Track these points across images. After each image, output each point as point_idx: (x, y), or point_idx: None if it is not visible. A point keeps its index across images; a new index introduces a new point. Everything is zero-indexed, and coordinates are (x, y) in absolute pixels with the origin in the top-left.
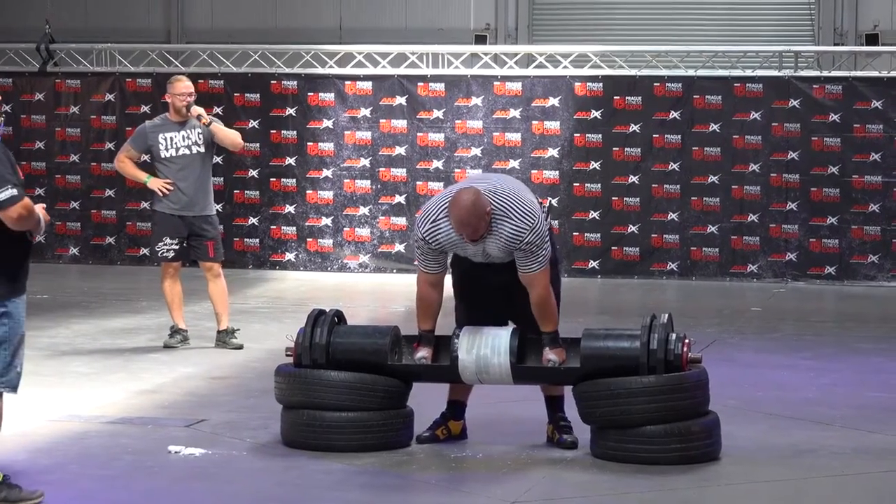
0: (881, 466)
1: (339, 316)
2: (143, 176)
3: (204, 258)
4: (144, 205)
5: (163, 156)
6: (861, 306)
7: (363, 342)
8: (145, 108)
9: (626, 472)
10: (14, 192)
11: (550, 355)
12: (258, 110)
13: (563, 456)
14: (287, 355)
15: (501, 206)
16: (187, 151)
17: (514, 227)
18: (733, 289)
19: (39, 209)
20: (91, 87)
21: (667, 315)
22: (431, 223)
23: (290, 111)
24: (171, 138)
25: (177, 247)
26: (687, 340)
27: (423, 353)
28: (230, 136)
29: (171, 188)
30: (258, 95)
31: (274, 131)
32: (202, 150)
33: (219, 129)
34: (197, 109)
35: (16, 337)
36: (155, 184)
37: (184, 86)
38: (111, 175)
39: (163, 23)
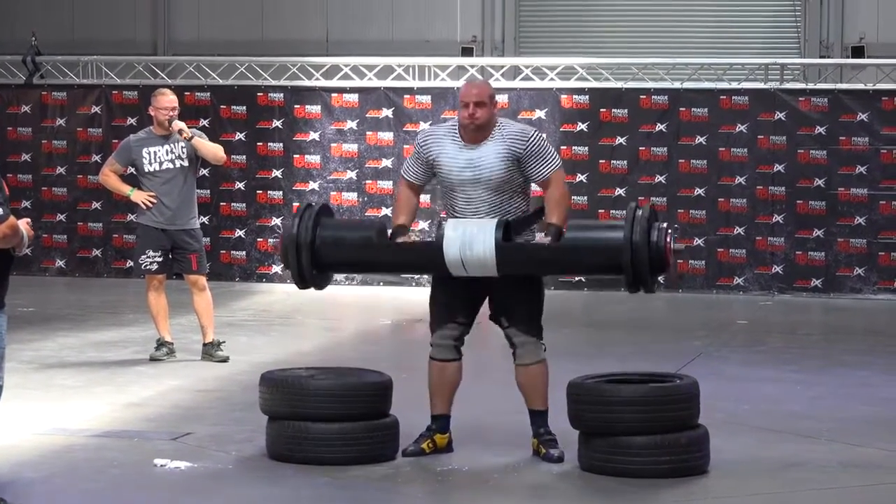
0: (867, 480)
1: (325, 210)
2: (126, 189)
3: (188, 271)
4: (131, 217)
5: (146, 169)
6: (847, 319)
7: (349, 234)
8: (132, 121)
9: (614, 484)
10: None
11: (543, 239)
12: (244, 122)
13: (550, 469)
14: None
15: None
16: (171, 165)
17: (520, 128)
18: (719, 301)
19: (23, 224)
20: (77, 100)
21: (649, 206)
22: (430, 130)
23: (277, 123)
24: (155, 152)
25: (160, 259)
26: (669, 231)
27: (403, 239)
28: (212, 150)
29: (155, 201)
30: (245, 108)
31: (260, 143)
32: (186, 163)
33: (201, 143)
34: (178, 124)
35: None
36: (138, 196)
37: (167, 100)
38: (97, 188)
39: (149, 35)
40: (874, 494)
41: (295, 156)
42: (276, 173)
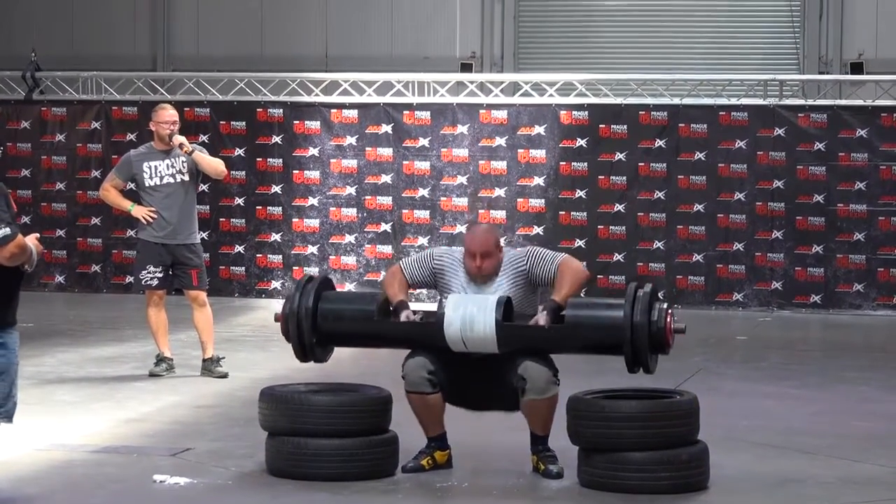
0: (867, 496)
1: (326, 282)
2: (127, 204)
3: (188, 287)
4: (130, 233)
5: (147, 184)
6: (846, 335)
7: (350, 308)
8: (131, 136)
9: (614, 500)
10: (7, 231)
11: (541, 319)
12: (244, 138)
13: (549, 485)
14: (276, 321)
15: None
16: (171, 180)
17: (514, 253)
18: (719, 317)
19: (32, 240)
20: (77, 115)
21: (650, 286)
22: (449, 252)
23: (276, 139)
24: (156, 167)
25: (160, 275)
26: (670, 311)
27: (406, 314)
28: (213, 165)
29: (155, 216)
30: (244, 123)
31: (260, 159)
32: (186, 178)
33: (201, 157)
34: (179, 138)
35: (12, 367)
36: (139, 212)
37: (168, 114)
38: (97, 203)
39: (149, 51)
40: None
41: (294, 171)
42: (276, 189)
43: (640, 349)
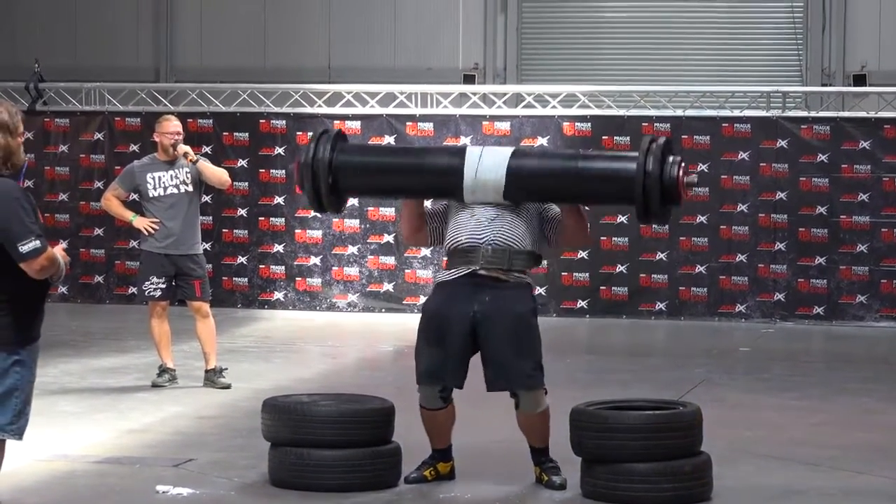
0: None
1: (341, 136)
2: (128, 215)
3: (191, 297)
4: (133, 244)
5: (150, 195)
6: (849, 347)
7: (367, 156)
8: (134, 147)
9: None
10: (38, 243)
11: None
12: (247, 149)
13: (552, 496)
14: (289, 168)
15: None
16: (175, 191)
17: None
18: (721, 329)
19: (59, 251)
20: (80, 126)
21: (664, 138)
22: None
23: (279, 150)
24: (160, 178)
25: (164, 286)
26: (683, 164)
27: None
28: (217, 174)
29: (157, 227)
30: (247, 134)
31: (263, 170)
32: (190, 188)
33: (206, 167)
34: (183, 147)
35: (28, 385)
36: (141, 223)
37: (172, 125)
38: (100, 214)
39: (152, 62)
40: None
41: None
42: (279, 200)
43: (652, 201)
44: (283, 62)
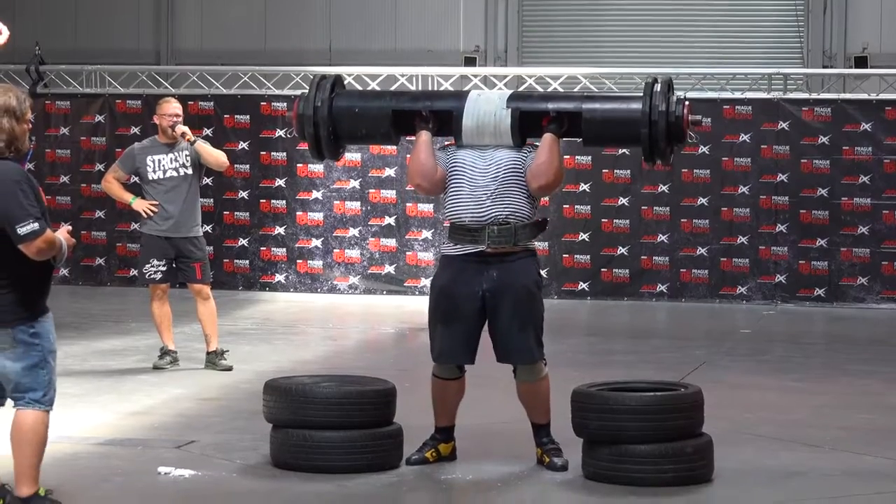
0: (871, 489)
1: (338, 82)
2: (128, 197)
3: (192, 280)
4: (135, 226)
5: (150, 178)
6: (850, 328)
7: (365, 102)
8: (135, 130)
9: (618, 493)
10: (35, 226)
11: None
12: (248, 132)
13: (554, 477)
14: (287, 117)
15: None
16: (175, 174)
17: None
18: (723, 311)
19: (63, 233)
20: (81, 109)
21: (667, 77)
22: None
23: (280, 133)
24: (160, 160)
25: (164, 268)
26: (687, 103)
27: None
28: (215, 156)
29: (157, 210)
30: (248, 117)
31: (264, 153)
32: (189, 171)
33: (203, 148)
34: (181, 128)
35: (50, 355)
36: (140, 205)
37: (172, 107)
38: (101, 196)
39: (152, 44)
40: (879, 503)
41: (298, 165)
42: (280, 182)
43: (658, 141)
44: (284, 44)
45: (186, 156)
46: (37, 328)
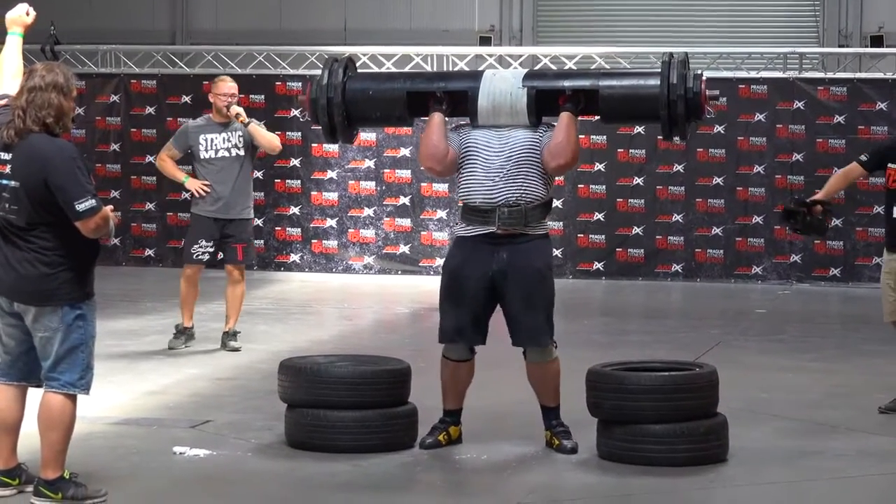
0: (886, 469)
1: (350, 65)
2: (181, 175)
3: (233, 261)
4: (150, 206)
5: (202, 156)
6: (866, 308)
7: (379, 85)
8: (150, 110)
9: (632, 472)
10: (93, 202)
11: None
12: (263, 111)
13: (569, 458)
14: (299, 100)
15: None
16: (227, 154)
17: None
18: (738, 290)
19: (108, 212)
20: (96, 89)
21: (682, 53)
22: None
23: (295, 112)
24: (212, 139)
25: (211, 249)
26: (704, 78)
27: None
28: (268, 139)
29: (209, 190)
30: (263, 97)
31: (279, 132)
32: (242, 152)
33: (257, 130)
34: (236, 109)
35: (91, 339)
36: (193, 185)
37: (227, 86)
38: (116, 176)
39: (167, 24)
40: (892, 483)
41: (313, 144)
42: (295, 162)
43: (677, 117)
44: (299, 24)
45: (240, 136)
46: (84, 310)
